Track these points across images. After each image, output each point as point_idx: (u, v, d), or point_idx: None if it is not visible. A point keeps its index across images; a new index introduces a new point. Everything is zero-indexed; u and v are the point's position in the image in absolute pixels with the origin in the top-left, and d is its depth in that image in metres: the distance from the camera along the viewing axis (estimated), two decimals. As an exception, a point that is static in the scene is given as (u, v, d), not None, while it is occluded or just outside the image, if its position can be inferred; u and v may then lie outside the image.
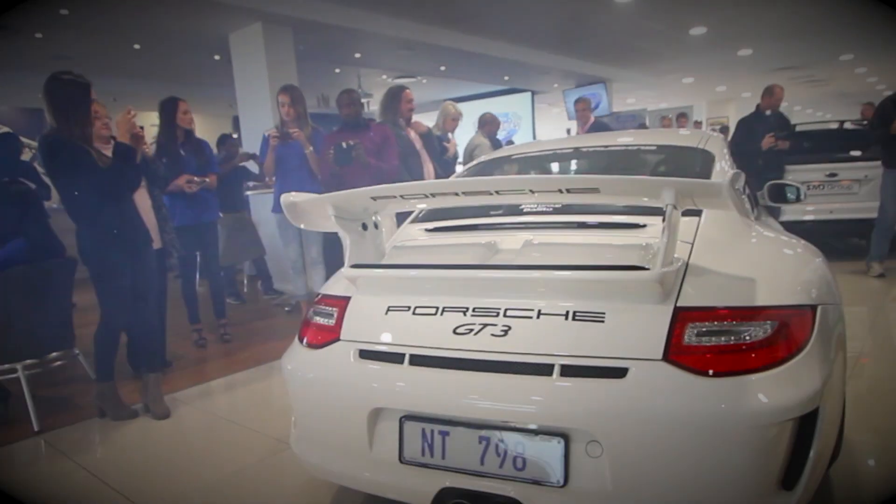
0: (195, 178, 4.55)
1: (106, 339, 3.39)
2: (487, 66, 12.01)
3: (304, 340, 2.15)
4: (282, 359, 2.21)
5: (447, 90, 14.73)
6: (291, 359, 2.16)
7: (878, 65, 15.23)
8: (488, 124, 6.80)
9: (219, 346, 4.88)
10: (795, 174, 6.63)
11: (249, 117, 8.11)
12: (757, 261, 1.98)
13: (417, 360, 1.86)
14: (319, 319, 2.14)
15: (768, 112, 6.83)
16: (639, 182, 1.84)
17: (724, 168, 2.55)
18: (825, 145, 7.20)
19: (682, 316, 1.66)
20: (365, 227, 2.18)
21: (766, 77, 12.57)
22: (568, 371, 1.67)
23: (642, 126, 13.45)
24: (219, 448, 3.03)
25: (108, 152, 3.38)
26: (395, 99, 5.10)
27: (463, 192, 1.90)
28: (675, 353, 1.62)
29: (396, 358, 1.89)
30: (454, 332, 1.83)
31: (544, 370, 1.69)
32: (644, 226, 2.09)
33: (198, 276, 5.11)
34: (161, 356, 3.85)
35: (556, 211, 2.41)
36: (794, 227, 2.97)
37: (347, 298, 2.11)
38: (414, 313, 1.93)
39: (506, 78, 13.83)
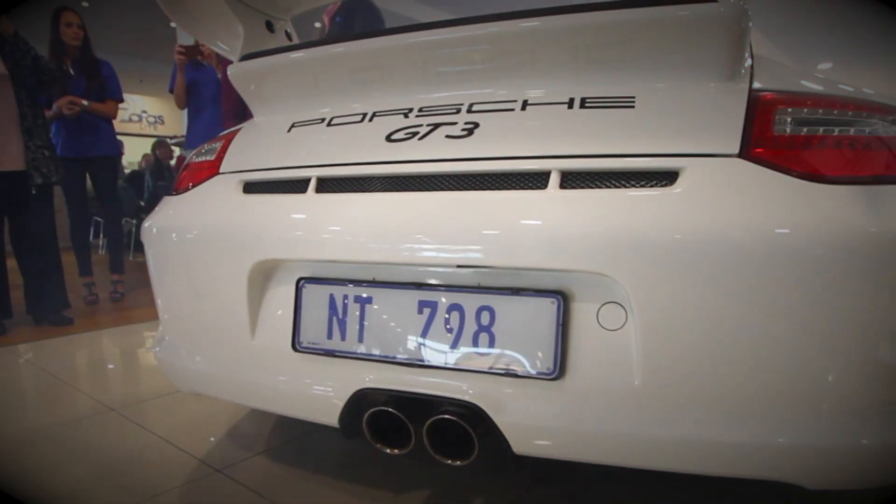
0: (81, 101, 3.78)
1: None
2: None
3: (176, 186, 1.51)
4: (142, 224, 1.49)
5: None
6: (152, 215, 1.46)
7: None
8: None
9: (106, 304, 4.11)
10: None
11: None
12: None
13: (328, 185, 1.22)
14: (197, 158, 1.44)
15: None
16: None
17: None
18: None
19: (764, 98, 1.05)
20: (271, 28, 1.47)
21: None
22: (574, 180, 1.04)
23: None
24: (21, 403, 2.28)
25: None
26: None
27: None
28: (764, 144, 0.99)
29: (297, 186, 1.26)
30: (387, 139, 1.15)
31: (533, 181, 1.06)
32: None
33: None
34: None
35: None
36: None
37: (239, 129, 1.41)
38: (329, 124, 1.24)
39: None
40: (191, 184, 1.42)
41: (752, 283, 0.91)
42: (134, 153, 10.92)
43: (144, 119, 13.84)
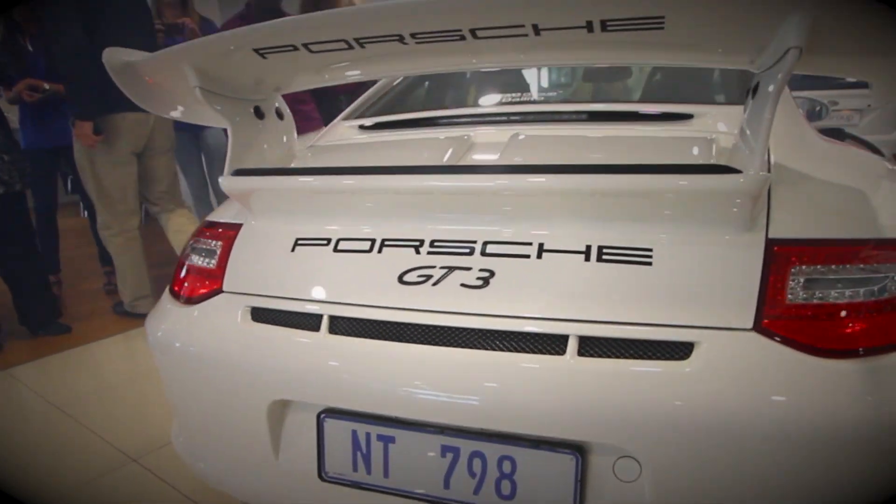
0: (42, 84, 3.54)
1: None
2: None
3: (176, 291, 1.50)
4: (146, 319, 1.49)
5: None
6: (157, 319, 1.50)
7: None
8: None
9: (102, 302, 4.03)
10: None
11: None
12: (873, 178, 1.35)
13: (341, 326, 1.23)
14: (197, 259, 1.45)
15: None
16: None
17: None
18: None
19: (779, 254, 1.06)
20: (260, 113, 1.43)
21: None
22: (591, 347, 1.06)
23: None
24: (31, 452, 2.29)
25: None
26: None
27: (414, 35, 1.11)
28: (776, 316, 1.02)
29: (308, 321, 1.26)
30: (400, 280, 1.17)
31: (551, 345, 1.09)
32: (690, 116, 1.40)
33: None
34: None
35: (552, 99, 1.70)
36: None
37: (238, 227, 1.42)
38: (336, 249, 1.28)
39: None
40: (195, 296, 1.42)
41: (765, 459, 0.97)
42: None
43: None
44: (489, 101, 1.81)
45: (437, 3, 1.07)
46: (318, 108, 3.78)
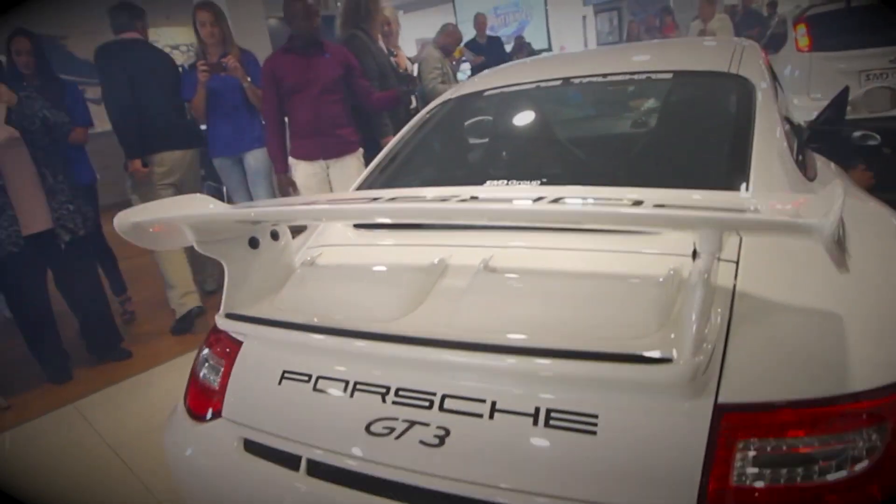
0: None
1: None
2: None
3: (188, 402, 1.65)
4: (167, 419, 1.65)
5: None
6: (171, 426, 1.68)
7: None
8: (444, 35, 5.96)
9: (158, 326, 4.26)
10: (849, 61, 5.55)
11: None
12: (861, 293, 1.24)
13: (318, 470, 1.32)
14: (205, 374, 1.63)
15: None
16: (653, 220, 1.08)
17: (768, 106, 1.78)
18: (888, 21, 5.77)
19: (727, 425, 1.02)
20: (255, 242, 1.52)
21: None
22: None
23: (665, 8, 11.93)
24: None
25: None
26: None
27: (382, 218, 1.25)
28: (719, 500, 1.00)
29: (290, 461, 1.35)
30: (367, 430, 1.24)
31: None
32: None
33: None
34: None
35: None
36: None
37: (240, 344, 1.57)
38: (315, 388, 1.37)
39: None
40: (200, 415, 1.55)
41: None
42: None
43: (178, 49, 13.76)
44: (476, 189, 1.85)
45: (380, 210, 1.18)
46: (358, 129, 3.91)
